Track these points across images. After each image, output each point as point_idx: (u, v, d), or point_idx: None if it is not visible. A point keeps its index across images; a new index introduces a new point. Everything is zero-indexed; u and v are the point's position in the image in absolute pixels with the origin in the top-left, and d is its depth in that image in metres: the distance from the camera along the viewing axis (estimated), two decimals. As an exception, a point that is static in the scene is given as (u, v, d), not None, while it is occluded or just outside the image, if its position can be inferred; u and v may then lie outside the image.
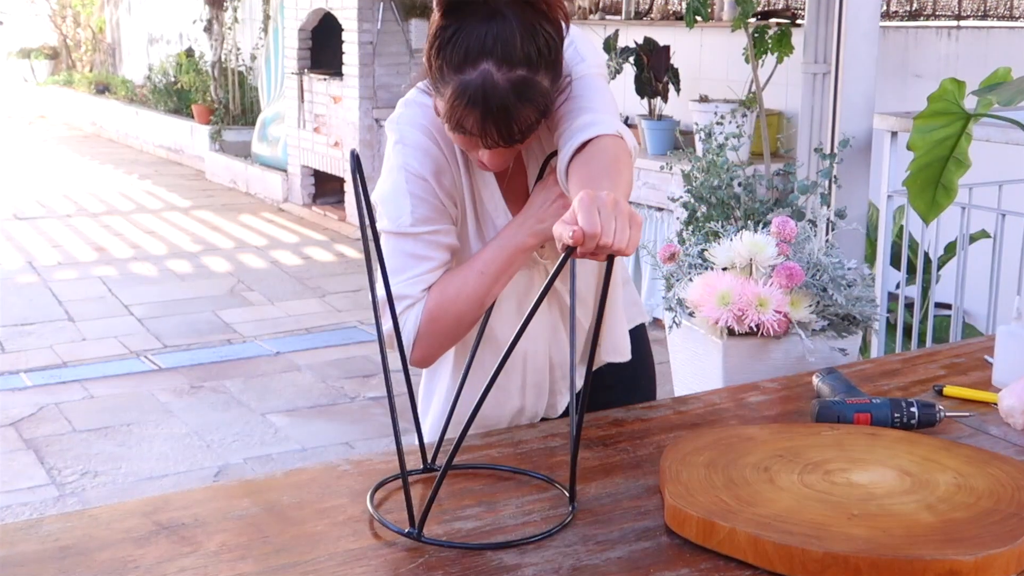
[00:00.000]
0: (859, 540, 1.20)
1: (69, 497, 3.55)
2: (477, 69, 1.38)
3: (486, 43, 1.37)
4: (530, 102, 1.39)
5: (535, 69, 1.39)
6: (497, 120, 1.39)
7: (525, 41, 1.38)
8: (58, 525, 1.35)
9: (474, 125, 1.40)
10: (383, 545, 1.30)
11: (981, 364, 1.94)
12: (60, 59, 15.81)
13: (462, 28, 1.39)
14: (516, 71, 1.38)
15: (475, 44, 1.38)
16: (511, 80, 1.38)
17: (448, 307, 1.55)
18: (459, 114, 1.40)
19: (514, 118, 1.39)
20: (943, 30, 4.90)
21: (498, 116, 1.39)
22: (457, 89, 1.39)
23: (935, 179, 2.15)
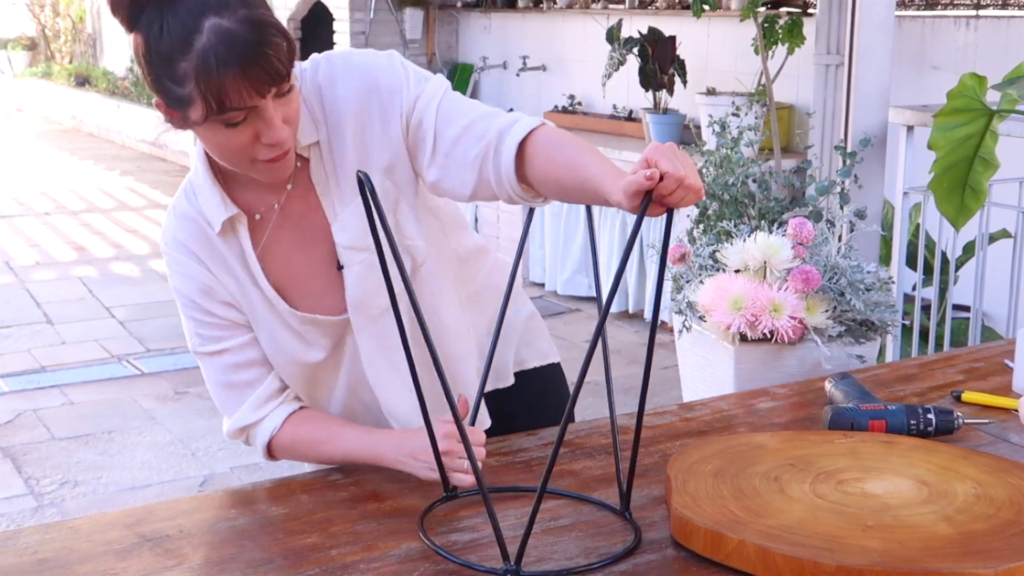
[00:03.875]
0: (874, 553, 1.20)
1: (48, 508, 3.55)
2: (203, 31, 1.32)
3: (195, 6, 1.32)
4: (270, 31, 1.34)
5: (254, 5, 1.35)
6: (256, 57, 1.32)
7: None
8: (36, 537, 1.35)
9: (238, 82, 1.32)
10: (377, 557, 1.30)
11: (1001, 369, 1.94)
12: (38, 50, 15.80)
13: (162, 18, 1.34)
14: (239, 11, 1.33)
15: (185, 14, 1.32)
16: (241, 19, 1.32)
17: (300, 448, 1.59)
18: (217, 87, 1.32)
19: (269, 49, 1.33)
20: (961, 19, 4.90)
21: (254, 55, 1.32)
22: (198, 63, 1.32)
23: (962, 181, 2.14)
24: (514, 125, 1.44)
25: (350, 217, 1.52)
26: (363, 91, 1.50)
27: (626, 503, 1.39)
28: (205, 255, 1.53)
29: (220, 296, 1.54)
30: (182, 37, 1.32)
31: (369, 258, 1.52)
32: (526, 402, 1.76)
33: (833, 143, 4.36)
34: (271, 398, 1.58)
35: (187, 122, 1.39)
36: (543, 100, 7.07)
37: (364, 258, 1.52)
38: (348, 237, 1.52)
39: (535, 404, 1.77)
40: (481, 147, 1.44)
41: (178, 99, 1.36)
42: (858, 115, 4.16)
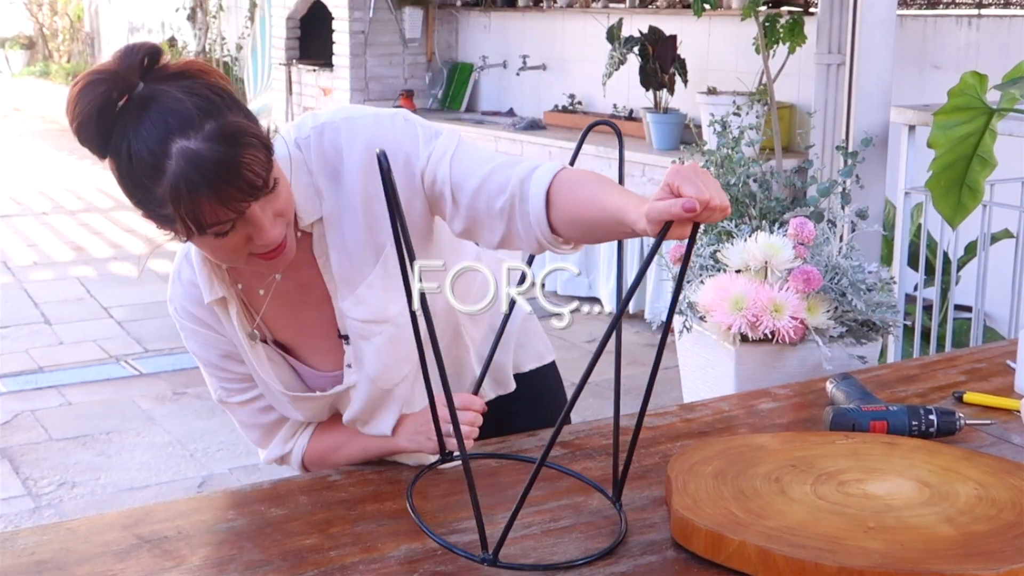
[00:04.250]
0: (875, 554, 1.20)
1: (46, 509, 3.55)
2: (171, 156, 1.27)
3: (159, 128, 1.28)
4: (241, 141, 1.29)
5: (220, 114, 1.30)
6: (228, 176, 1.28)
7: (191, 100, 1.29)
8: (34, 538, 1.35)
9: (213, 205, 1.29)
10: (376, 559, 1.30)
11: (1003, 370, 1.94)
12: (36, 49, 15.80)
13: (128, 141, 1.30)
14: (205, 127, 1.28)
15: (151, 139, 1.28)
16: (208, 137, 1.28)
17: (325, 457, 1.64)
18: (193, 211, 1.29)
19: (241, 163, 1.29)
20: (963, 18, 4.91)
21: (226, 172, 1.28)
22: (170, 190, 1.28)
23: (959, 179, 2.15)
24: (535, 172, 1.41)
25: (366, 291, 1.51)
26: (369, 160, 1.46)
27: (618, 492, 1.40)
28: (213, 319, 1.55)
29: (238, 356, 1.57)
30: (152, 164, 1.29)
31: (390, 330, 1.52)
32: (523, 403, 1.76)
33: (834, 143, 4.36)
34: (298, 429, 1.64)
35: (177, 235, 1.38)
36: (543, 99, 7.07)
37: (384, 330, 1.52)
38: (366, 311, 1.51)
39: (532, 405, 1.77)
40: (506, 198, 1.41)
41: (162, 217, 1.34)
42: (859, 114, 4.16)
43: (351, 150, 1.47)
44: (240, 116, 1.32)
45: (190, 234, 1.33)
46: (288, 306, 1.55)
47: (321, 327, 1.56)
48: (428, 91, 7.83)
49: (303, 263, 1.51)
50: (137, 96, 1.30)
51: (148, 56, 1.32)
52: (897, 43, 4.43)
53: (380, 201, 1.48)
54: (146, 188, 1.31)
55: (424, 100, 7.77)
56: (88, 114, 1.30)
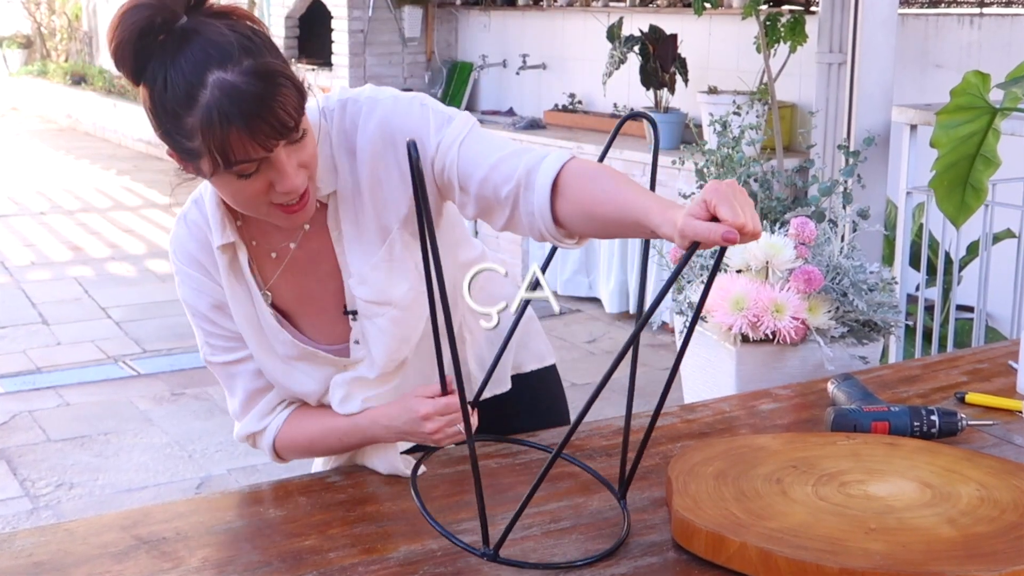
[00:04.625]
0: (877, 556, 1.20)
1: (43, 510, 3.55)
2: (207, 86, 1.29)
3: (199, 58, 1.30)
4: (277, 81, 1.31)
5: (259, 54, 1.32)
6: (261, 111, 1.30)
7: (234, 36, 1.32)
8: (32, 540, 1.35)
9: (243, 139, 1.30)
10: (376, 560, 1.30)
11: (1005, 370, 1.94)
12: (34, 48, 15.80)
13: (165, 70, 1.31)
14: (244, 62, 1.30)
15: (189, 68, 1.30)
16: (245, 71, 1.30)
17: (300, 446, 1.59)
18: (222, 142, 1.30)
19: (275, 102, 1.30)
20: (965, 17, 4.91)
21: (259, 109, 1.30)
22: (203, 119, 1.29)
23: (963, 179, 2.14)
24: (543, 161, 1.41)
25: (371, 272, 1.51)
26: (379, 142, 1.48)
27: (624, 490, 1.40)
28: (211, 265, 1.53)
29: (227, 309, 1.55)
30: (187, 92, 1.30)
31: (393, 312, 1.52)
32: (524, 405, 1.76)
33: (836, 142, 4.36)
34: (276, 406, 1.59)
35: (199, 172, 1.39)
36: (543, 99, 7.07)
37: (387, 312, 1.52)
38: (370, 292, 1.52)
39: (533, 407, 1.77)
40: (511, 186, 1.41)
41: (187, 152, 1.35)
42: (861, 114, 4.17)
43: (365, 129, 1.48)
44: (278, 59, 1.35)
45: (215, 169, 1.34)
46: (295, 274, 1.55)
47: (324, 300, 1.56)
48: (427, 90, 7.83)
49: (316, 233, 1.52)
50: (180, 27, 1.32)
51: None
52: (898, 42, 4.43)
53: (387, 184, 1.48)
54: (176, 117, 1.32)
55: (423, 99, 7.77)
56: (128, 37, 1.31)
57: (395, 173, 1.49)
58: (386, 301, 1.52)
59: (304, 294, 1.56)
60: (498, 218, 1.45)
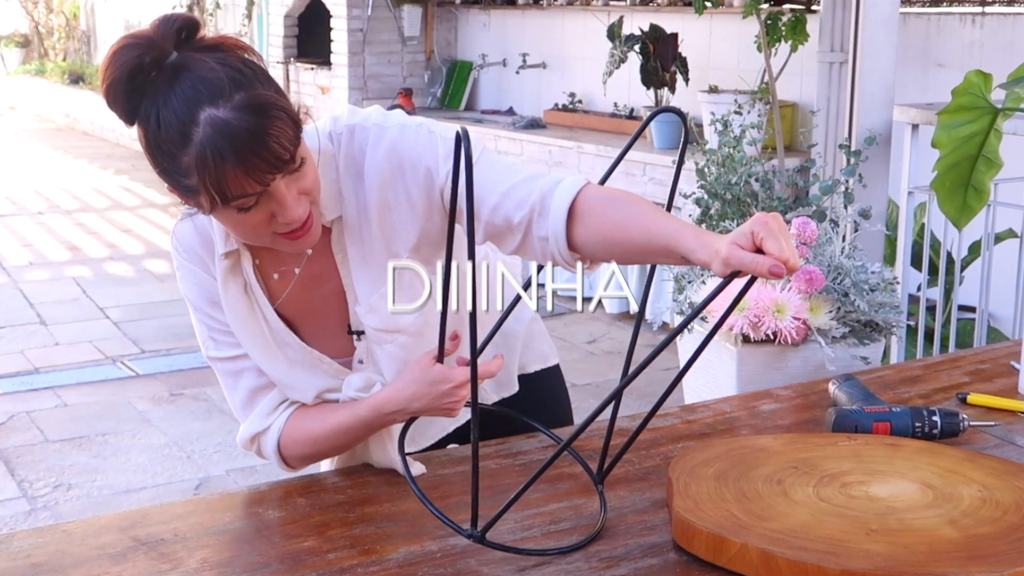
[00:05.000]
0: (878, 557, 1.20)
1: (41, 511, 3.55)
2: (199, 123, 1.28)
3: (189, 96, 1.29)
4: (270, 113, 1.30)
5: (250, 86, 1.31)
6: (255, 147, 1.29)
7: (224, 71, 1.31)
8: (30, 541, 1.35)
9: (238, 174, 1.29)
10: (375, 561, 1.30)
11: (1007, 371, 1.94)
12: (31, 47, 15.80)
13: (157, 108, 1.31)
14: (234, 97, 1.29)
15: (180, 106, 1.29)
16: (237, 107, 1.29)
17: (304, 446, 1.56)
18: (218, 179, 1.29)
19: (268, 135, 1.29)
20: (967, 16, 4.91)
21: (253, 143, 1.28)
22: (196, 157, 1.29)
23: (965, 180, 2.14)
24: (558, 187, 1.40)
25: (380, 301, 1.51)
26: (388, 170, 1.47)
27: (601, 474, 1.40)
28: (211, 263, 1.52)
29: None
30: (179, 130, 1.30)
31: (402, 339, 1.53)
32: (527, 405, 1.76)
33: (837, 141, 4.36)
34: (279, 404, 1.57)
35: (200, 207, 1.38)
36: (543, 98, 7.07)
37: (396, 339, 1.52)
38: (379, 320, 1.52)
39: (536, 407, 1.77)
40: (525, 212, 1.41)
41: (185, 189, 1.35)
42: (862, 113, 4.17)
43: (373, 156, 1.47)
44: (270, 90, 1.34)
45: (213, 206, 1.33)
46: (298, 288, 1.55)
47: (328, 316, 1.56)
48: (427, 89, 7.84)
49: (319, 256, 1.52)
50: (170, 64, 1.32)
51: (184, 26, 1.34)
52: (900, 41, 4.43)
53: (396, 212, 1.48)
54: (172, 156, 1.32)
55: (423, 99, 7.78)
56: (119, 77, 1.31)
57: (404, 201, 1.48)
58: (395, 329, 1.52)
59: (307, 309, 1.56)
60: (509, 243, 1.45)
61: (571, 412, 1.90)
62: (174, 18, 1.34)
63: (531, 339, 1.81)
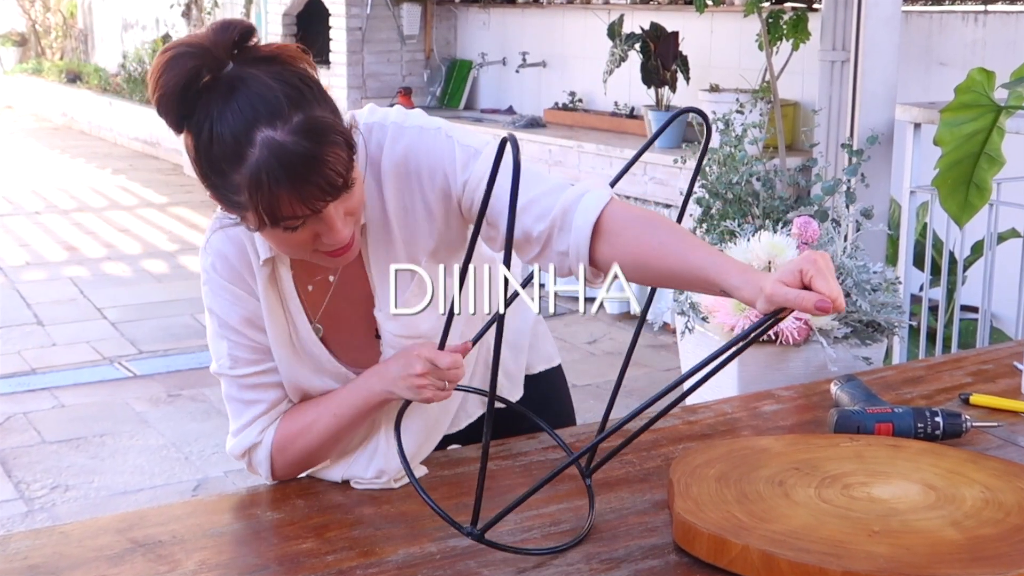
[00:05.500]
0: (880, 558, 1.20)
1: (38, 513, 3.55)
2: (255, 144, 1.26)
3: (246, 114, 1.26)
4: (328, 139, 1.29)
5: (309, 107, 1.29)
6: (309, 173, 1.27)
7: (282, 89, 1.29)
8: (27, 542, 1.35)
9: (292, 200, 1.28)
10: (374, 563, 1.30)
11: (1010, 371, 1.94)
12: (28, 46, 15.80)
13: (211, 121, 1.28)
14: (293, 118, 1.27)
15: (236, 123, 1.27)
16: (295, 130, 1.27)
17: (296, 439, 1.52)
18: (270, 203, 1.28)
19: (325, 162, 1.28)
20: (969, 15, 4.91)
21: (309, 169, 1.27)
22: (250, 178, 1.27)
23: (967, 178, 2.14)
24: (581, 201, 1.39)
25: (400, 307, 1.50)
26: (404, 172, 1.46)
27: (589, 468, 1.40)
28: (250, 276, 1.49)
29: (259, 323, 1.51)
30: (234, 149, 1.28)
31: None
32: (533, 406, 1.75)
33: (839, 141, 4.36)
34: (277, 419, 1.54)
35: (244, 221, 1.36)
36: (543, 97, 7.07)
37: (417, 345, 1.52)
38: (399, 327, 1.51)
39: (540, 407, 1.77)
40: (545, 226, 1.40)
41: (233, 204, 1.33)
42: (864, 112, 4.16)
43: (391, 155, 1.46)
44: (327, 111, 1.32)
45: (261, 225, 1.32)
46: (332, 298, 1.54)
47: (355, 323, 1.55)
48: (426, 88, 7.84)
49: (351, 264, 1.51)
50: (226, 76, 1.29)
51: (242, 35, 1.31)
52: (902, 40, 4.43)
53: (412, 215, 1.47)
54: (223, 172, 1.30)
55: (422, 97, 7.78)
56: (173, 87, 1.29)
57: (420, 206, 1.47)
58: (416, 335, 1.52)
59: (336, 317, 1.55)
60: (526, 254, 1.44)
61: (573, 412, 1.90)
62: (232, 26, 1.31)
63: (536, 340, 1.81)
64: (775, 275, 1.23)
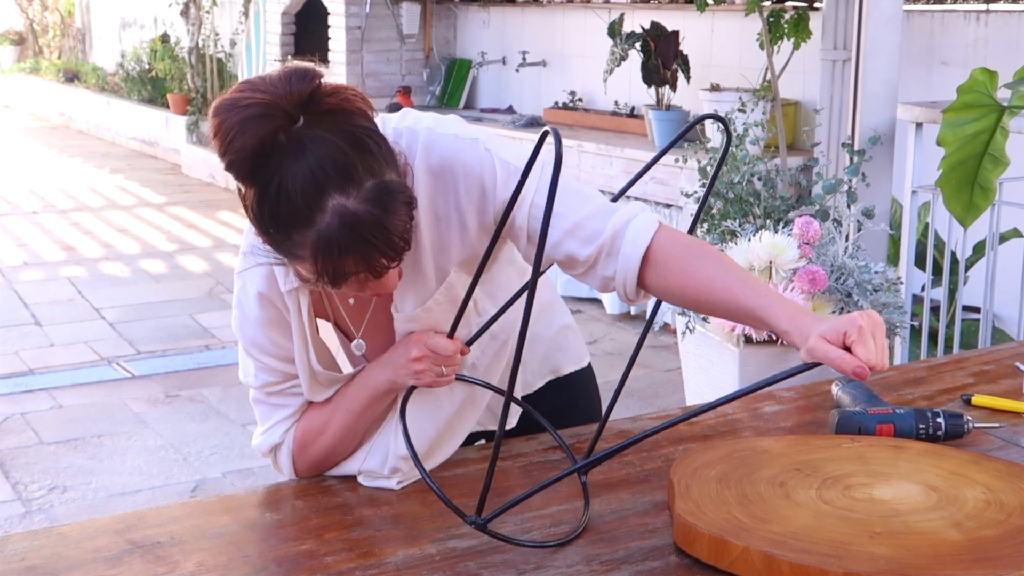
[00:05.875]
0: (882, 560, 1.20)
1: (36, 514, 3.55)
2: (326, 211, 1.25)
3: (318, 178, 1.25)
4: (394, 206, 1.28)
5: (379, 171, 1.29)
6: (378, 244, 1.28)
7: (352, 150, 1.27)
8: (24, 543, 1.35)
9: (357, 264, 1.29)
10: (373, 564, 1.30)
11: (1012, 372, 1.94)
12: (26, 45, 15.80)
13: (280, 179, 1.26)
14: (364, 185, 1.27)
15: (307, 187, 1.25)
16: (366, 198, 1.26)
17: (315, 439, 1.54)
18: (335, 266, 1.28)
19: (391, 231, 1.28)
20: (971, 14, 4.91)
21: (376, 240, 1.27)
22: (320, 244, 1.27)
23: (971, 178, 2.15)
24: (629, 227, 1.39)
25: (423, 314, 1.50)
26: (438, 181, 1.44)
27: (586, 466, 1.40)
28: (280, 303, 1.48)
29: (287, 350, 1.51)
30: (304, 213, 1.26)
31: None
32: (559, 404, 1.75)
33: (840, 140, 4.37)
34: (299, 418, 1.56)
35: (293, 265, 1.36)
36: (543, 96, 7.07)
37: None
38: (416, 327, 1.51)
39: (568, 406, 1.77)
40: (592, 251, 1.41)
41: (290, 254, 1.32)
42: (866, 112, 4.17)
43: (424, 163, 1.44)
44: (394, 172, 1.31)
45: (318, 281, 1.32)
46: (357, 301, 1.55)
47: (383, 324, 1.55)
48: (426, 88, 7.84)
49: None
50: (296, 132, 1.27)
51: (314, 88, 1.28)
52: (904, 39, 4.43)
53: (445, 223, 1.46)
54: (287, 230, 1.29)
55: (422, 97, 7.78)
56: (250, 151, 1.26)
57: (454, 215, 1.46)
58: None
59: (364, 319, 1.56)
60: (569, 270, 1.45)
61: (601, 410, 1.89)
62: (305, 75, 1.29)
63: (563, 342, 1.80)
64: (820, 329, 1.26)
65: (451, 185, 1.44)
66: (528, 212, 1.43)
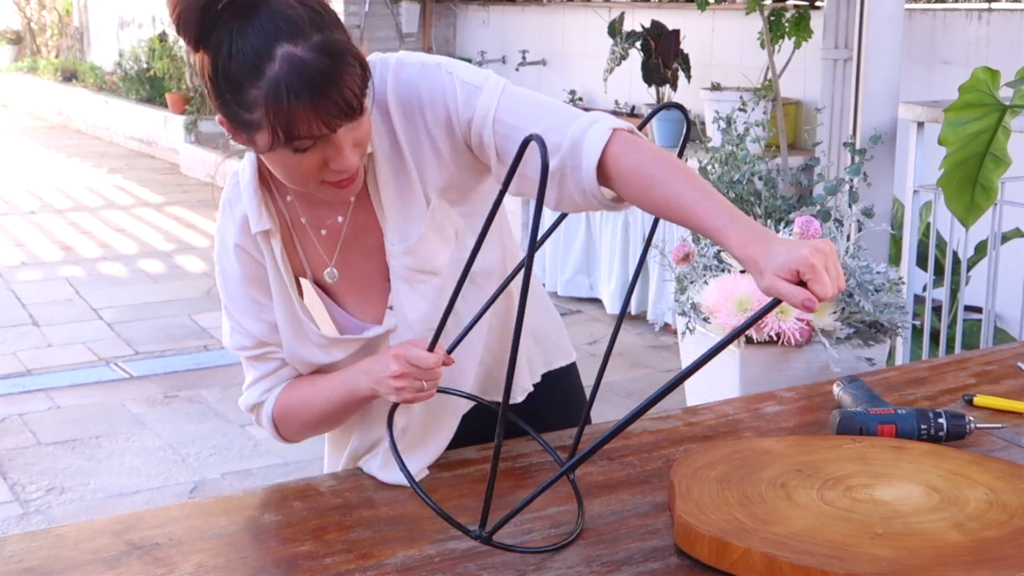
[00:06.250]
0: (883, 561, 1.20)
1: (34, 515, 3.55)
2: (275, 58, 1.30)
3: (268, 31, 1.31)
4: (345, 59, 1.32)
5: (328, 29, 1.34)
6: (328, 90, 1.31)
7: (302, 9, 1.33)
8: (22, 545, 1.35)
9: (309, 116, 1.31)
10: (372, 566, 1.30)
11: (1014, 372, 1.94)
12: (24, 44, 15.80)
13: (232, 37, 1.32)
14: (313, 37, 1.31)
15: (257, 39, 1.31)
16: (315, 46, 1.31)
17: (293, 414, 1.58)
18: (287, 118, 1.31)
19: (343, 81, 1.31)
20: (972, 13, 4.91)
21: (326, 87, 1.31)
22: (268, 92, 1.30)
23: (972, 178, 2.15)
24: (588, 132, 1.40)
25: (418, 245, 1.51)
26: (408, 107, 1.48)
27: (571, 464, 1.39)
28: (257, 254, 1.53)
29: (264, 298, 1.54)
30: (253, 63, 1.31)
31: (438, 281, 1.53)
32: (550, 402, 1.75)
33: (841, 140, 4.37)
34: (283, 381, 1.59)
35: (252, 144, 1.39)
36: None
37: (431, 280, 1.53)
38: (416, 261, 1.52)
39: (558, 404, 1.76)
40: (556, 163, 1.41)
41: (245, 123, 1.36)
42: (867, 111, 4.17)
43: (394, 90, 1.48)
44: (344, 35, 1.35)
45: (273, 143, 1.34)
46: (343, 250, 1.56)
47: (371, 274, 1.56)
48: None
49: (361, 206, 1.53)
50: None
51: None
52: (905, 38, 4.43)
53: (422, 149, 1.49)
54: (239, 87, 1.33)
55: (421, 96, 7.77)
56: (194, 4, 1.32)
57: (426, 141, 1.49)
58: (432, 271, 1.53)
59: (350, 270, 1.57)
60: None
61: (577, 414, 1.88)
62: None
63: (556, 336, 1.80)
64: (774, 266, 1.24)
65: (418, 110, 1.48)
66: (493, 129, 1.45)
